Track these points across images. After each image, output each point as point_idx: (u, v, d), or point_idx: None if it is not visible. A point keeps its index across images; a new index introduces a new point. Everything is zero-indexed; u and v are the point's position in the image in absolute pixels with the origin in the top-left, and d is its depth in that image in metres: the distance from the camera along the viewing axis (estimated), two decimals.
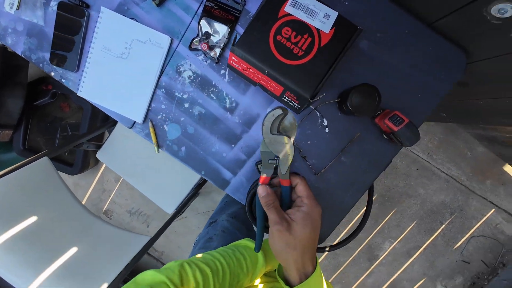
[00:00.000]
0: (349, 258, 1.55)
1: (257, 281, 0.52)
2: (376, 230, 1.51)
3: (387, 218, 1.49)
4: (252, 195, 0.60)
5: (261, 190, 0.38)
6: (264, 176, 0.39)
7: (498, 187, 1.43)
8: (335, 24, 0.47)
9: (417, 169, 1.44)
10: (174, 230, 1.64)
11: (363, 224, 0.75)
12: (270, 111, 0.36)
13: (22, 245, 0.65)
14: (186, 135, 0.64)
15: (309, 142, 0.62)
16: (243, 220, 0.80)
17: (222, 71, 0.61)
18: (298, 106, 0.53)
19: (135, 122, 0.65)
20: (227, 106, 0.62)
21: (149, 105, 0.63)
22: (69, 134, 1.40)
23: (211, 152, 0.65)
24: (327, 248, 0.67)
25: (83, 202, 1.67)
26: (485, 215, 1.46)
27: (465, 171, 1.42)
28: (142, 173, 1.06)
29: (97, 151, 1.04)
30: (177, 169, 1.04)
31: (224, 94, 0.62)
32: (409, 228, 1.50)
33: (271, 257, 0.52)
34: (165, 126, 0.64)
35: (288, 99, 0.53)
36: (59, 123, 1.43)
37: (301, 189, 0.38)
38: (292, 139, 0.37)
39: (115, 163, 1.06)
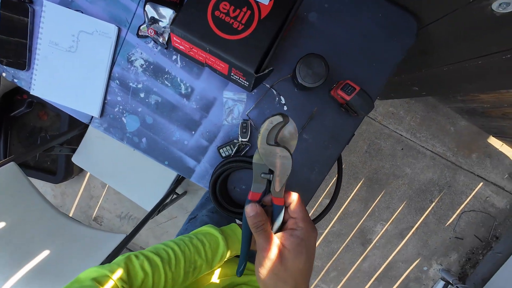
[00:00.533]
0: (342, 244, 1.54)
1: (215, 277, 0.50)
2: (366, 214, 1.50)
3: (376, 200, 1.49)
4: (216, 178, 0.59)
5: (250, 209, 0.31)
6: (254, 192, 0.32)
7: (484, 160, 1.42)
8: None
9: (402, 149, 1.43)
10: (166, 231, 1.63)
11: (335, 198, 0.74)
12: (268, 117, 0.29)
13: None
14: (146, 126, 0.63)
15: None
16: (223, 215, 0.79)
17: (174, 57, 0.60)
18: (247, 83, 0.52)
19: (92, 117, 0.64)
20: (183, 92, 0.61)
21: (105, 98, 0.62)
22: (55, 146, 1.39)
23: (172, 141, 0.64)
24: None
25: (72, 211, 1.66)
26: (474, 190, 1.45)
27: (450, 147, 1.42)
28: (120, 173, 1.05)
29: (71, 155, 1.03)
30: (155, 165, 1.03)
31: (179, 80, 0.61)
32: (399, 209, 1.49)
33: (233, 241, 0.51)
34: (123, 119, 0.63)
35: (236, 77, 0.52)
36: (39, 132, 1.42)
37: (296, 209, 0.32)
38: (291, 152, 0.31)
39: (92, 165, 1.05)
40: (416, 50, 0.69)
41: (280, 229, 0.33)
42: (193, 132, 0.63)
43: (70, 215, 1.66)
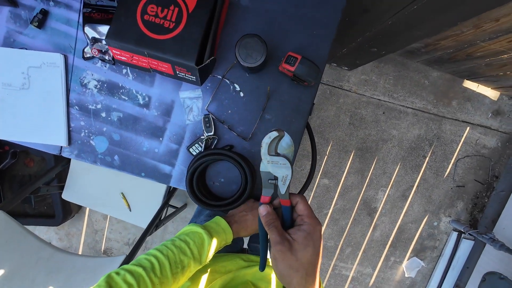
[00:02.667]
0: (349, 219, 1.55)
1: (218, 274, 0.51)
2: (365, 184, 1.51)
3: (371, 169, 1.50)
4: (191, 176, 0.60)
5: (262, 210, 0.37)
6: (264, 196, 0.38)
7: (465, 105, 1.44)
8: None
9: (383, 113, 1.45)
10: None
11: (314, 164, 0.75)
12: (267, 134, 0.36)
13: None
14: (114, 143, 0.64)
15: (229, 111, 0.63)
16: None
17: (124, 70, 0.61)
18: (194, 77, 0.53)
19: (62, 147, 0.65)
20: (141, 102, 0.63)
21: (68, 126, 0.63)
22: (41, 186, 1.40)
23: (143, 152, 0.65)
24: None
25: (80, 249, 1.66)
26: (463, 136, 1.46)
27: (428, 100, 1.43)
28: (113, 198, 1.06)
29: (61, 192, 1.04)
30: (144, 182, 1.04)
31: (134, 92, 0.62)
32: (395, 172, 1.50)
33: (217, 232, 0.52)
34: (91, 141, 0.65)
35: (182, 74, 0.53)
36: (29, 180, 1.42)
37: (301, 208, 0.37)
38: (290, 160, 0.37)
39: (83, 198, 1.06)
40: (358, 11, 0.71)
41: (290, 226, 0.37)
42: (160, 139, 0.64)
43: (80, 253, 1.66)
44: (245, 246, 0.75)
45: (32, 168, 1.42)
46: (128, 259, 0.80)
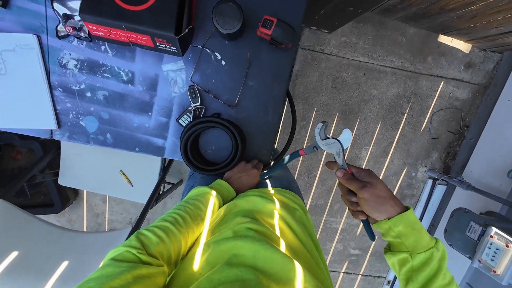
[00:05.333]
0: (336, 179, 1.67)
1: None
2: (349, 144, 1.60)
3: (355, 129, 1.58)
4: (184, 146, 0.64)
5: (339, 173, 0.47)
6: (335, 164, 0.49)
7: (439, 60, 1.50)
8: None
9: (364, 74, 1.49)
10: None
11: (294, 124, 0.80)
12: (316, 126, 0.49)
13: (13, 278, 0.70)
14: (104, 122, 0.66)
15: (213, 80, 0.65)
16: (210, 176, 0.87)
17: (103, 47, 0.61)
18: (175, 48, 0.54)
19: (52, 130, 0.66)
20: (125, 79, 0.64)
21: (55, 109, 0.64)
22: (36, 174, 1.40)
23: (134, 128, 0.67)
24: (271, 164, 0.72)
25: None
26: (437, 90, 1.55)
27: (406, 58, 1.48)
28: (109, 178, 1.09)
29: (56, 179, 1.05)
30: (138, 158, 1.07)
31: (116, 68, 0.63)
32: (377, 130, 1.59)
33: (221, 191, 0.58)
34: (81, 122, 0.66)
35: (163, 46, 0.54)
36: (20, 173, 1.42)
37: (355, 170, 0.48)
38: (337, 139, 0.48)
39: (80, 181, 1.08)
40: None
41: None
42: (149, 113, 0.66)
43: None
44: None
45: (21, 160, 1.41)
46: (134, 230, 0.87)
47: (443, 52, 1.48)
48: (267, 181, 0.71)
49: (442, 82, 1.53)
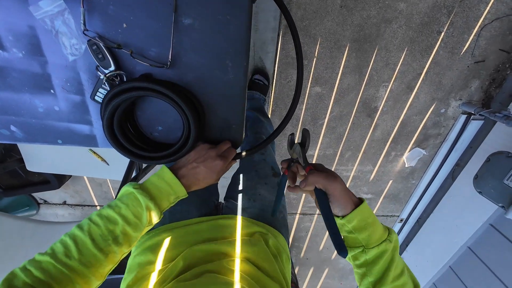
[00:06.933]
0: (347, 125, 1.44)
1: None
2: (364, 83, 1.30)
3: (371, 62, 1.24)
4: (109, 121, 0.43)
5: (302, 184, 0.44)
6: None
7: None
8: None
9: None
10: None
11: (301, 70, 0.55)
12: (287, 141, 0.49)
13: None
14: None
15: (124, 25, 0.39)
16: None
17: None
18: None
19: None
20: None
21: None
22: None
23: (41, 114, 0.48)
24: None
25: (95, 201, 1.77)
26: None
27: None
28: (81, 159, 0.97)
29: (23, 166, 0.95)
30: None
31: None
32: (401, 61, 1.24)
33: (159, 187, 0.43)
34: None
35: None
36: None
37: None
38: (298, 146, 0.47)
39: (50, 165, 0.97)
40: None
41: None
42: (51, 91, 0.45)
43: (97, 204, 1.79)
44: (221, 200, 0.67)
45: None
46: None
47: None
48: (239, 199, 0.56)
49: None
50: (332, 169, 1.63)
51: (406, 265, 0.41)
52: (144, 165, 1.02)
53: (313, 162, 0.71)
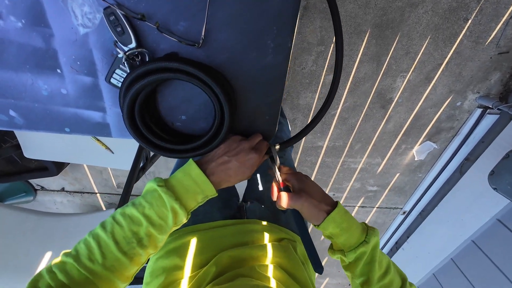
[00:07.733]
0: (360, 116, 1.39)
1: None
2: (381, 72, 1.23)
3: (391, 50, 1.17)
4: (129, 109, 0.37)
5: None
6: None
7: None
8: None
9: None
10: None
11: (336, 83, 0.50)
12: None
13: None
14: None
15: None
16: None
17: None
18: None
19: None
20: None
21: None
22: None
23: (46, 98, 0.41)
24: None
25: (95, 189, 1.72)
26: None
27: None
28: (83, 146, 0.91)
29: (20, 152, 0.88)
30: None
31: None
32: (422, 49, 1.17)
33: (185, 185, 0.39)
34: None
35: None
36: None
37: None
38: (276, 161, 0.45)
39: (49, 152, 0.91)
40: None
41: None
42: (58, 71, 0.38)
43: (97, 192, 1.74)
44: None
45: None
46: (124, 197, 0.73)
47: None
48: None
49: None
50: (340, 161, 1.59)
51: (390, 261, 0.42)
52: (151, 154, 0.96)
53: (322, 153, 0.69)
